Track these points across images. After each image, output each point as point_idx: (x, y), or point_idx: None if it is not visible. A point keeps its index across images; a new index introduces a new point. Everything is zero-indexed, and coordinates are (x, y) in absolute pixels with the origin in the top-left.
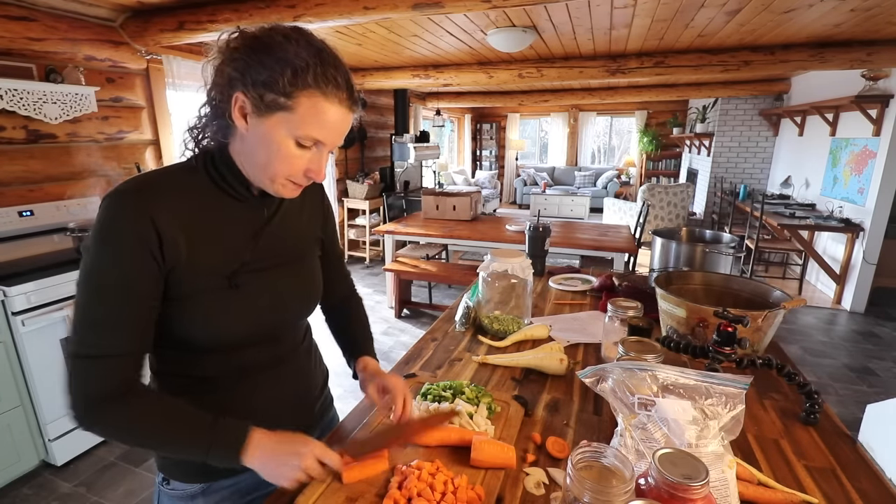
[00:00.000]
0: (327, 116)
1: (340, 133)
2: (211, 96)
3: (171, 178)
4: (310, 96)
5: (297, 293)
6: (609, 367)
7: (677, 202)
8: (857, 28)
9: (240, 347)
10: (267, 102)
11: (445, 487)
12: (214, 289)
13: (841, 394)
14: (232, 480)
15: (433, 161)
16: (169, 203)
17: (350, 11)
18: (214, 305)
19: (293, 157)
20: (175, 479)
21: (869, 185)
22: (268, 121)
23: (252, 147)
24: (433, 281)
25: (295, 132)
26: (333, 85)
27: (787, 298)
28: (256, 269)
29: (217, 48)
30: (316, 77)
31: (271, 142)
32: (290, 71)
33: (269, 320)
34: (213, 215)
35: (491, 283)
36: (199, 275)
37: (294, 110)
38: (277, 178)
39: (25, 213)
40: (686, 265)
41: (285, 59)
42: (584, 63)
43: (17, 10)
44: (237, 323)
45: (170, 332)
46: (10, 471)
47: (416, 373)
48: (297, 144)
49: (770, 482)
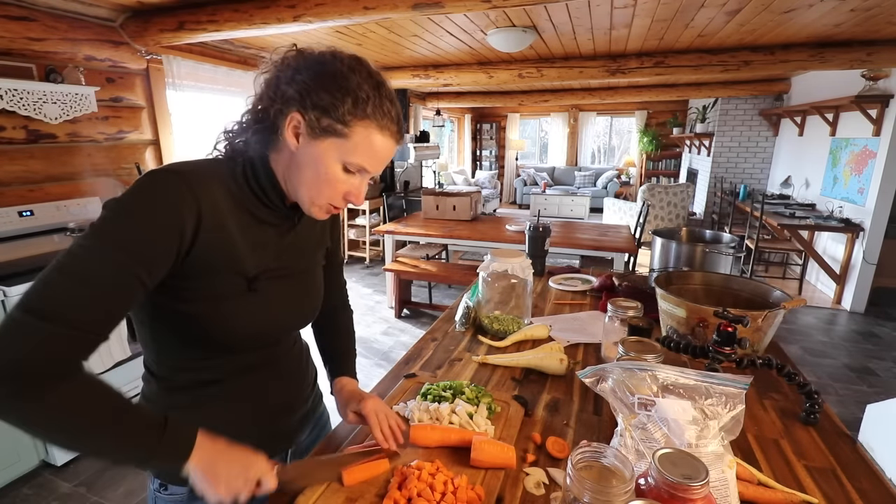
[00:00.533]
0: (378, 147)
1: (385, 162)
2: (258, 108)
3: (214, 172)
4: (366, 126)
5: (306, 300)
6: (609, 367)
7: (677, 202)
8: (857, 28)
9: (245, 350)
10: (323, 126)
11: (445, 487)
12: (233, 290)
13: (841, 394)
14: None
15: (433, 161)
16: (213, 194)
17: (350, 11)
18: (231, 306)
19: (338, 182)
20: (174, 484)
21: (869, 185)
22: (320, 144)
23: (300, 166)
24: (433, 281)
25: (345, 158)
26: (388, 118)
27: (787, 298)
28: (274, 276)
29: (272, 62)
30: (374, 109)
31: (320, 164)
32: (350, 100)
33: (277, 326)
34: (244, 218)
35: (491, 283)
36: (223, 272)
37: (349, 137)
38: (318, 199)
39: (25, 213)
40: (686, 265)
41: (348, 88)
42: (584, 63)
43: (17, 10)
44: (249, 325)
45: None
46: (10, 471)
47: (416, 373)
48: (345, 170)
49: (770, 482)
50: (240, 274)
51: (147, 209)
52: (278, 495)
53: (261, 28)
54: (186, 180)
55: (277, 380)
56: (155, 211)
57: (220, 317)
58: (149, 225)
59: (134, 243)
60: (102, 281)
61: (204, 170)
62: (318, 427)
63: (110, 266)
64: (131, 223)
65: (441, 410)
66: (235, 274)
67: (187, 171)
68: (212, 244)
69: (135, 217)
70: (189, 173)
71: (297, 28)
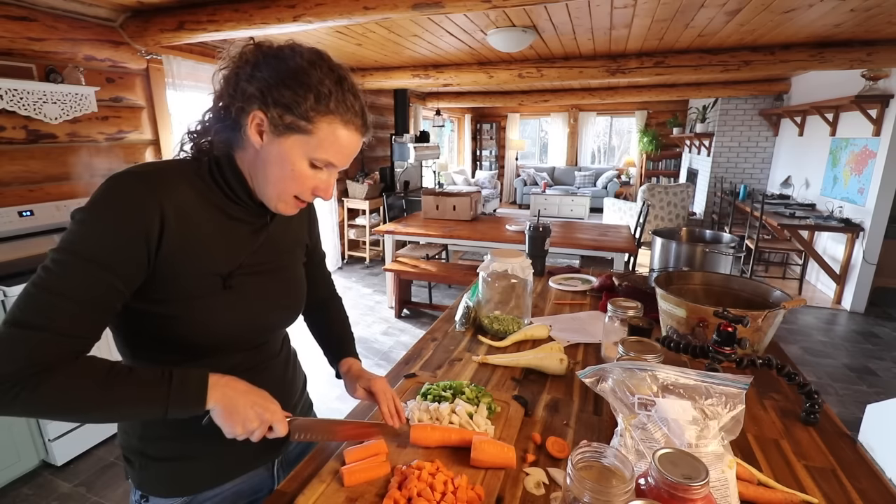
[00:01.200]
0: (343, 141)
1: (351, 156)
2: (219, 106)
3: (180, 173)
4: (329, 122)
5: (286, 298)
6: (609, 367)
7: (677, 202)
8: (857, 28)
9: (225, 352)
10: (286, 123)
11: (445, 487)
12: (208, 288)
13: (841, 394)
14: (215, 491)
15: (433, 161)
16: (178, 194)
17: (350, 11)
18: (207, 305)
19: (305, 178)
20: (155, 495)
21: (869, 185)
22: (285, 141)
23: (265, 163)
24: (433, 281)
25: (311, 154)
26: (352, 112)
27: (787, 298)
28: (251, 272)
29: (229, 58)
30: (337, 104)
31: (286, 161)
32: (312, 96)
33: (258, 324)
34: (215, 216)
35: (491, 283)
36: (197, 273)
37: (313, 134)
38: (284, 195)
39: (25, 213)
40: (686, 265)
41: (309, 84)
42: (584, 63)
43: (17, 10)
44: (228, 324)
45: (155, 332)
46: (10, 471)
47: (416, 373)
48: (311, 165)
49: (770, 482)
50: (212, 272)
51: (111, 217)
52: (278, 494)
53: (261, 28)
54: (148, 182)
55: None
56: (119, 218)
57: (195, 316)
58: (114, 233)
59: (102, 253)
60: (78, 293)
61: (169, 170)
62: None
63: (83, 278)
64: (97, 233)
65: (441, 410)
66: (208, 272)
67: (150, 173)
68: (179, 244)
69: (100, 227)
70: (151, 174)
71: (297, 28)
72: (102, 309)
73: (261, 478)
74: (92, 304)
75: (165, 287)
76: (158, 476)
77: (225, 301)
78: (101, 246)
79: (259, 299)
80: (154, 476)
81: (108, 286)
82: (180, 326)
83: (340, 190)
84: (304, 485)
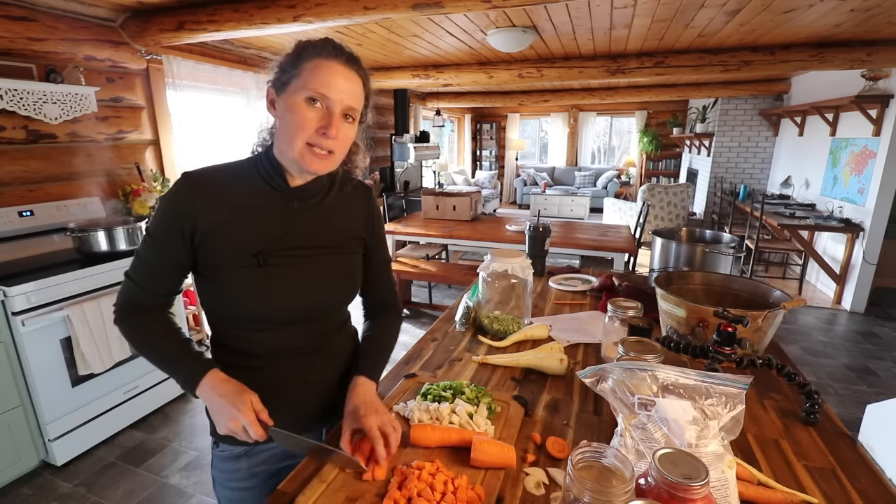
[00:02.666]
0: (328, 72)
1: (345, 90)
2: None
3: (229, 169)
4: (311, 60)
5: (330, 281)
6: (609, 367)
7: (677, 202)
8: (857, 28)
9: (272, 326)
10: (283, 81)
11: (445, 487)
12: (244, 265)
13: (841, 394)
14: (271, 444)
15: (433, 161)
16: (218, 188)
17: (350, 11)
18: (245, 279)
19: (306, 118)
20: (223, 443)
21: (869, 185)
22: (286, 96)
23: (280, 126)
24: (433, 281)
25: (304, 92)
26: (331, 50)
27: (787, 298)
28: (289, 254)
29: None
30: (316, 48)
31: (288, 109)
32: (296, 52)
33: (299, 303)
34: (254, 202)
35: (491, 283)
36: (232, 250)
37: (300, 76)
38: (296, 142)
39: (25, 213)
40: (686, 265)
41: (298, 50)
42: (584, 63)
43: (17, 10)
44: (265, 298)
45: (213, 304)
46: (10, 471)
47: (416, 373)
48: (309, 102)
49: (770, 482)
50: (246, 250)
51: (164, 206)
52: (278, 494)
53: (261, 28)
54: (193, 179)
55: (324, 357)
56: (167, 207)
57: (233, 289)
58: (163, 219)
59: (157, 233)
60: (149, 260)
61: (220, 169)
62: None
63: (150, 250)
64: (157, 217)
65: (441, 410)
66: (242, 251)
67: (199, 174)
68: (213, 227)
69: (159, 214)
70: (198, 173)
71: (297, 28)
72: (164, 272)
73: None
74: (159, 268)
75: (208, 263)
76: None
77: (261, 277)
78: (157, 228)
79: (298, 278)
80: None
81: (164, 257)
82: (225, 298)
83: None
84: (304, 485)
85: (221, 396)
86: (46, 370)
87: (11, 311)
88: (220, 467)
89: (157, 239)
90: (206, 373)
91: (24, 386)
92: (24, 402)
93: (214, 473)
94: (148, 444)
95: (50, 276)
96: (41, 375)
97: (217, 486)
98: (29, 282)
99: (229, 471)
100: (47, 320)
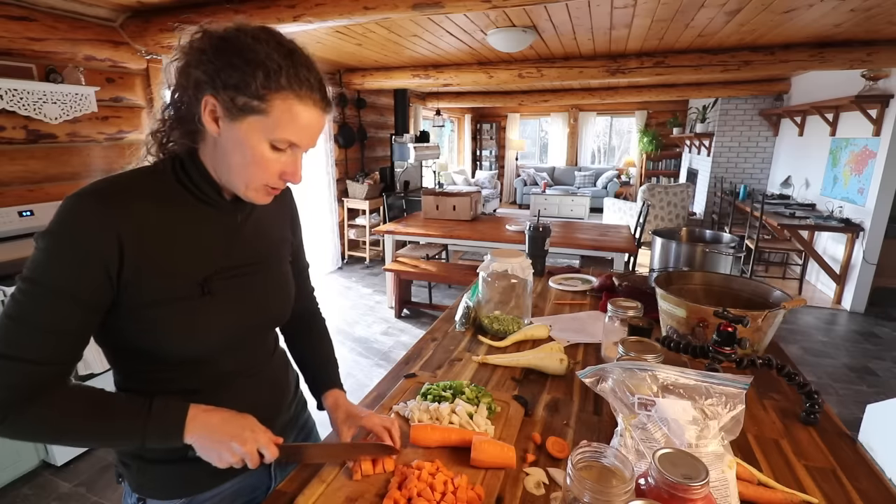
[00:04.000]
0: (302, 119)
1: (314, 135)
2: (175, 99)
3: (140, 183)
4: (284, 99)
5: (272, 298)
6: (609, 367)
7: (677, 202)
8: (857, 28)
9: (214, 357)
10: (239, 105)
11: (445, 487)
12: (187, 296)
13: (841, 394)
14: (215, 491)
15: (433, 161)
16: (138, 209)
17: (350, 11)
18: (188, 313)
19: (268, 161)
20: (153, 498)
21: (869, 185)
22: (241, 124)
23: (225, 152)
24: (433, 281)
25: (270, 135)
26: (307, 86)
27: (787, 298)
28: (231, 275)
29: (180, 48)
30: (289, 79)
31: (245, 146)
32: (261, 73)
33: (244, 327)
34: (184, 221)
35: (491, 283)
36: (171, 283)
37: (268, 113)
38: (252, 182)
39: (25, 213)
40: (686, 265)
41: (256, 61)
42: (584, 63)
43: (17, 10)
44: (212, 330)
45: (139, 346)
46: (10, 471)
47: (416, 373)
48: (272, 147)
49: (770, 482)
50: (187, 280)
51: (66, 244)
52: (278, 493)
53: None
54: (102, 202)
55: (257, 388)
56: (74, 245)
57: (177, 325)
58: (70, 260)
59: (61, 281)
60: (44, 321)
61: (127, 182)
62: (302, 434)
63: (46, 307)
64: (55, 261)
65: (441, 410)
66: (182, 281)
67: (104, 191)
68: (145, 260)
69: (57, 254)
70: (106, 193)
71: (297, 28)
72: (71, 334)
73: (258, 476)
74: (59, 330)
75: (140, 301)
76: (157, 478)
77: (206, 307)
78: (59, 274)
79: (245, 301)
80: (152, 478)
81: (72, 312)
82: (165, 337)
83: (340, 190)
84: (303, 485)
85: (221, 425)
86: None
87: None
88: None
89: (61, 290)
90: (188, 410)
91: None
92: None
93: None
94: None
95: None
96: None
97: None
98: None
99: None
100: None
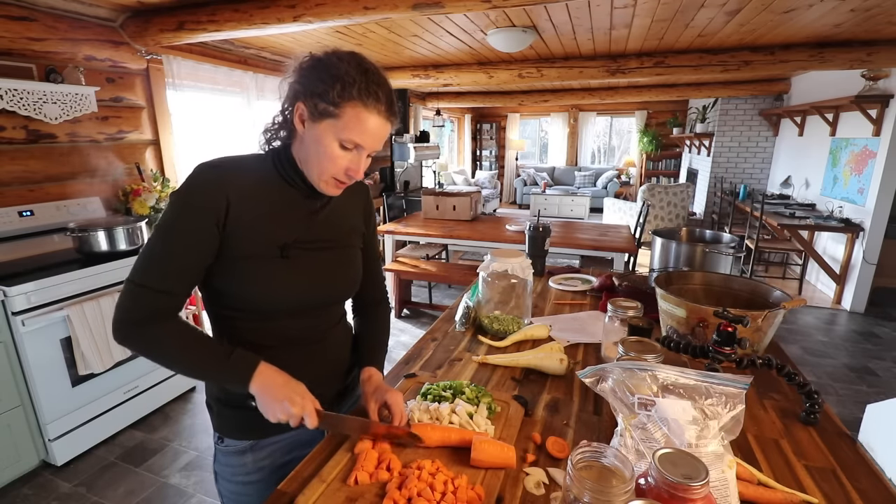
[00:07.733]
0: (367, 124)
1: (378, 139)
2: (283, 107)
3: (249, 164)
4: (353, 107)
5: (341, 274)
6: (609, 367)
7: (677, 202)
8: (857, 28)
9: (288, 318)
10: (320, 110)
11: (445, 487)
12: (269, 256)
13: (841, 394)
14: (276, 438)
15: (433, 161)
16: (244, 181)
17: (350, 11)
18: (268, 271)
19: (337, 157)
20: (228, 437)
21: (869, 185)
22: (319, 126)
23: (307, 147)
24: (433, 281)
25: (339, 136)
26: (374, 98)
27: (787, 298)
28: (306, 247)
29: (292, 69)
30: (360, 91)
31: (321, 143)
32: (339, 85)
33: (314, 294)
34: (276, 197)
35: (491, 283)
36: (258, 242)
37: (340, 118)
38: (324, 174)
39: (25, 213)
40: (686, 265)
41: (337, 76)
42: (584, 63)
43: (17, 10)
44: (286, 289)
45: (228, 293)
46: (10, 471)
47: (416, 373)
48: (341, 146)
49: (770, 482)
50: (271, 243)
51: (192, 196)
52: (278, 494)
53: (261, 28)
54: (220, 170)
55: (321, 353)
56: (197, 196)
57: (259, 279)
58: (191, 212)
59: (188, 223)
60: (170, 258)
61: (240, 161)
62: (352, 407)
63: (173, 247)
64: (184, 208)
65: (441, 410)
66: (267, 243)
67: (223, 163)
68: (243, 219)
69: (186, 203)
70: (224, 165)
71: (297, 28)
72: (189, 271)
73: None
74: (182, 266)
75: (234, 253)
76: (232, 421)
77: (284, 268)
78: (186, 220)
79: (314, 271)
80: (228, 420)
81: (194, 255)
82: (249, 290)
83: None
84: (304, 485)
85: (279, 386)
86: (46, 370)
87: (11, 311)
88: (224, 462)
89: (183, 232)
90: (258, 365)
91: (24, 386)
92: (25, 402)
93: (218, 468)
94: (148, 444)
95: (50, 276)
96: (41, 375)
97: (221, 481)
98: (29, 282)
99: (234, 465)
100: (47, 320)
